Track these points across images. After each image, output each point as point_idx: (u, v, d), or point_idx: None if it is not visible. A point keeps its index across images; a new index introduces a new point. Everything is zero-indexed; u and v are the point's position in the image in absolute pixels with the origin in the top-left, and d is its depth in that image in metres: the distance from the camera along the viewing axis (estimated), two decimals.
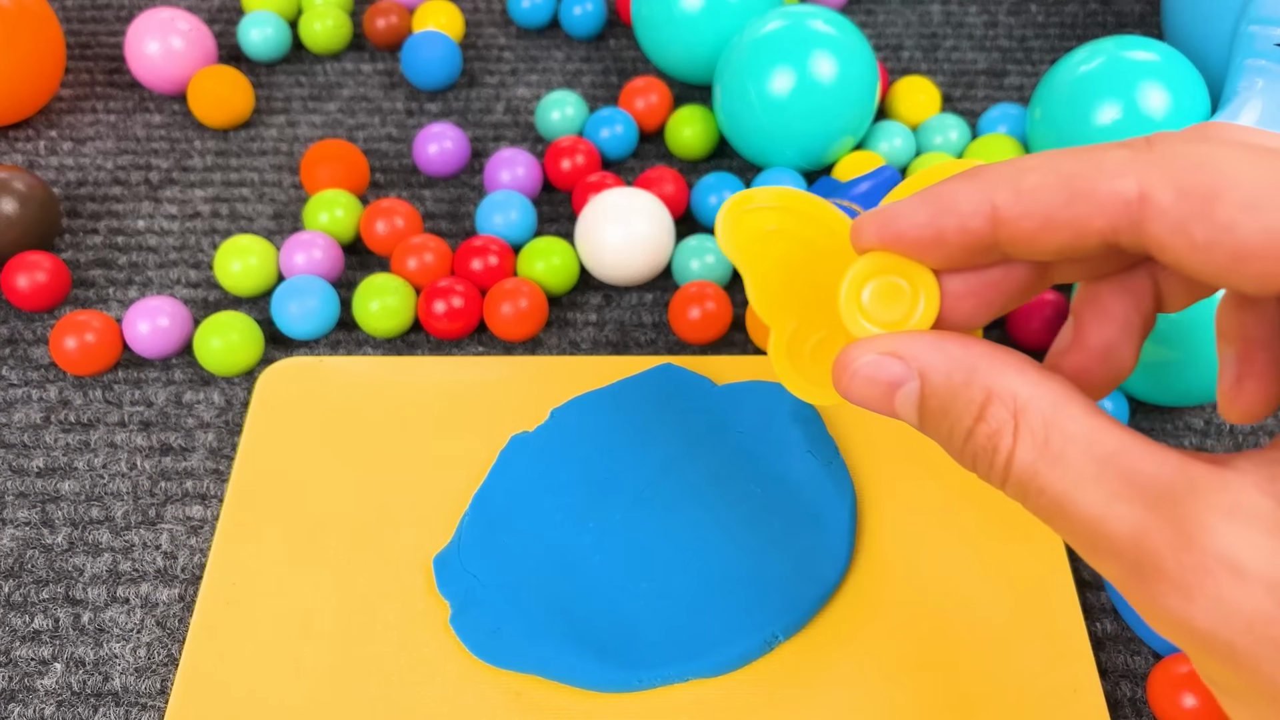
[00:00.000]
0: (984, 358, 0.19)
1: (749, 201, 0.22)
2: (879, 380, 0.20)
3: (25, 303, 0.36)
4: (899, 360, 0.20)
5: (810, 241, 0.22)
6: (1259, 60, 0.37)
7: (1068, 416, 0.18)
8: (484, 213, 0.38)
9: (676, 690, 0.28)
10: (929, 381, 0.20)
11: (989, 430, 0.19)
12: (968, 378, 0.19)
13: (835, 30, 0.38)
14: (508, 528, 0.30)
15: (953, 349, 0.20)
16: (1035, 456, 0.18)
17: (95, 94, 0.44)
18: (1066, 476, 0.18)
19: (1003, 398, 0.19)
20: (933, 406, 0.20)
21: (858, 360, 0.20)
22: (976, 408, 0.19)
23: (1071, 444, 0.18)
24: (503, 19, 0.48)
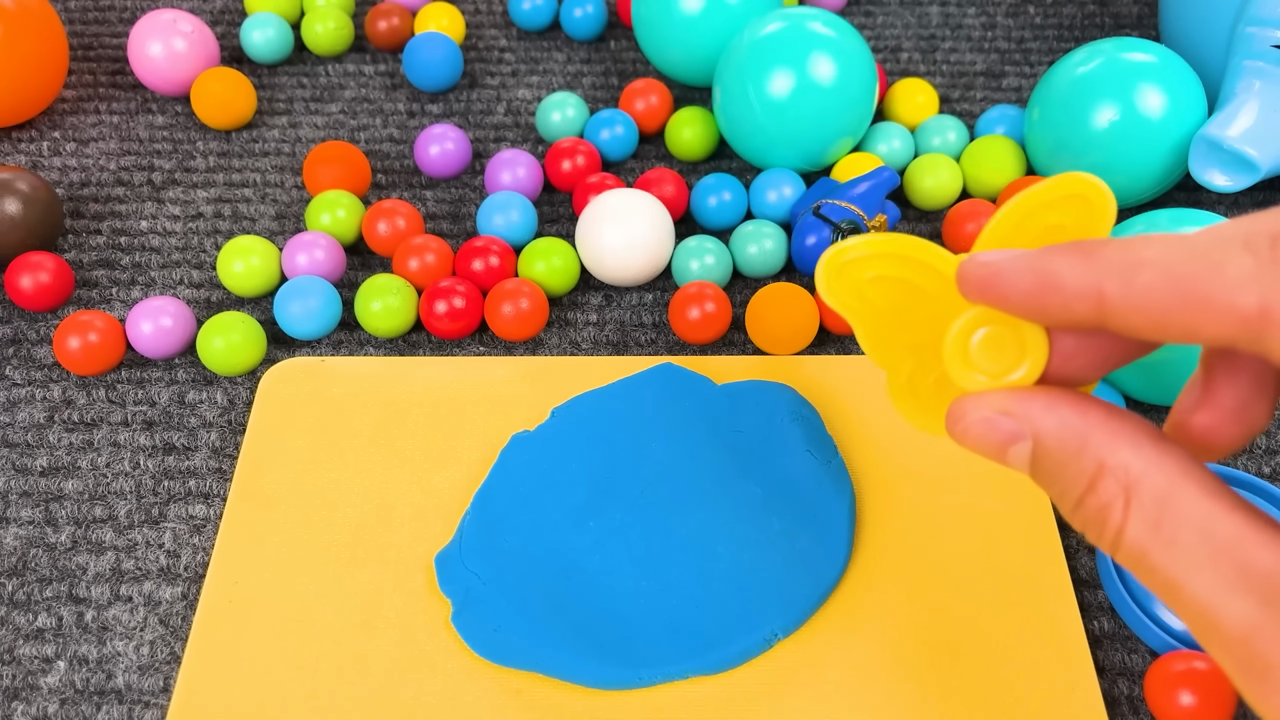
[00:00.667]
0: (1098, 427, 0.19)
1: (845, 254, 0.22)
2: (992, 438, 0.20)
3: (29, 303, 0.36)
4: (1010, 420, 0.20)
5: (914, 283, 0.22)
6: (1256, 61, 0.37)
7: (1183, 497, 0.18)
8: (485, 213, 0.38)
9: (676, 688, 0.28)
10: (1041, 445, 0.19)
11: (1099, 503, 0.18)
12: (1080, 446, 0.19)
13: (834, 32, 0.38)
14: (509, 526, 0.30)
15: (1067, 413, 0.19)
16: (1146, 536, 0.18)
17: (98, 95, 0.45)
18: (1178, 561, 0.17)
19: (1115, 471, 0.18)
20: (1045, 468, 0.20)
21: (970, 416, 0.20)
22: (1087, 479, 0.19)
23: (1185, 527, 0.17)
24: (504, 21, 0.48)
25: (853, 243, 0.22)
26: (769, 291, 0.35)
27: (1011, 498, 0.31)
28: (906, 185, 0.40)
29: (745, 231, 0.38)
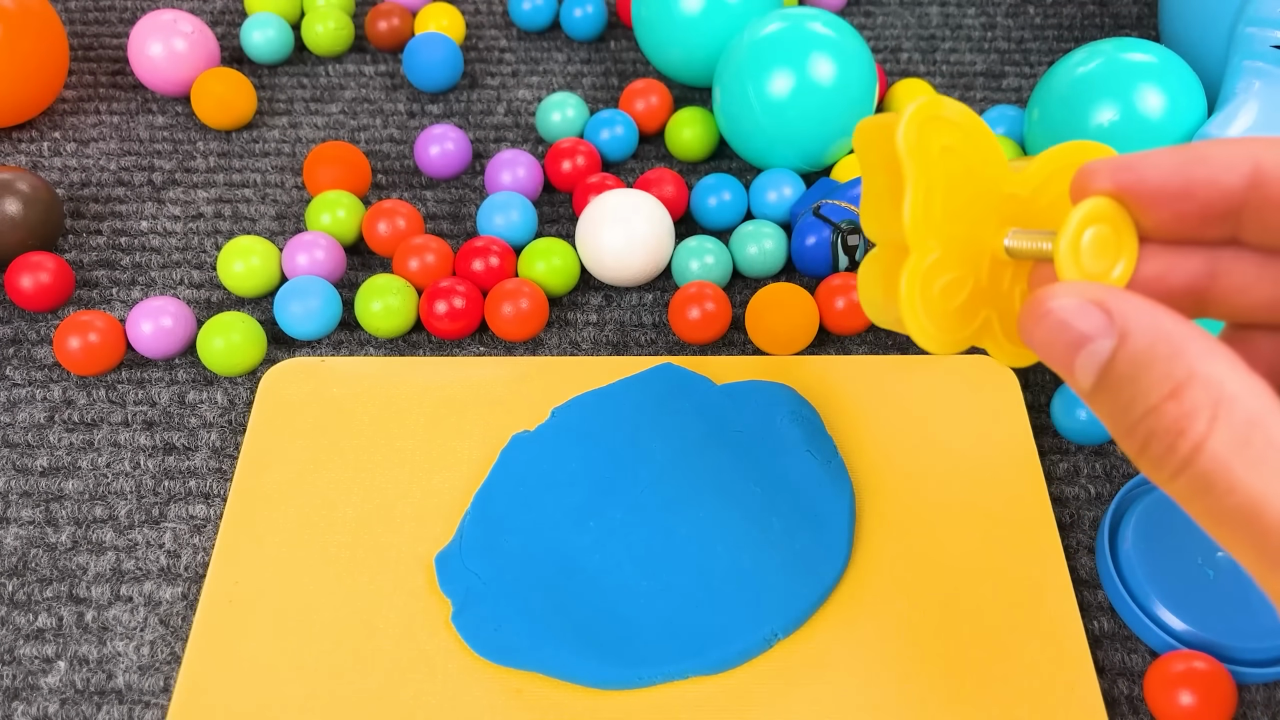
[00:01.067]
0: (1196, 338, 0.18)
1: (940, 109, 0.20)
2: (1072, 328, 0.19)
3: (29, 303, 0.36)
4: (1103, 313, 0.18)
5: (977, 175, 0.21)
6: (1256, 62, 0.37)
7: (1275, 422, 0.17)
8: (485, 214, 0.38)
9: (676, 688, 0.28)
10: (1129, 343, 0.18)
11: (1180, 410, 0.17)
12: (1173, 351, 0.18)
13: (834, 32, 0.38)
14: (509, 526, 0.30)
15: (1165, 318, 0.18)
16: (1231, 452, 0.17)
17: (98, 95, 0.45)
18: (1266, 481, 0.16)
19: (1207, 383, 0.17)
20: (1121, 371, 0.18)
21: (1058, 301, 0.19)
22: (1173, 383, 0.17)
23: (1274, 449, 0.17)
24: (504, 21, 0.48)
25: (949, 103, 0.21)
26: (769, 291, 0.35)
27: (1011, 498, 0.31)
28: None
29: (745, 232, 0.38)
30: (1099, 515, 0.32)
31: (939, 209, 0.21)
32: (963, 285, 0.21)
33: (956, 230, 0.21)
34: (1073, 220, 0.19)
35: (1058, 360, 0.19)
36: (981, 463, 0.32)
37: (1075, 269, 0.19)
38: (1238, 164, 0.18)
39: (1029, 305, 0.19)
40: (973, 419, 0.33)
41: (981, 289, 0.21)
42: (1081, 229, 0.19)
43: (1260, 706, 0.29)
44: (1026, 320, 0.19)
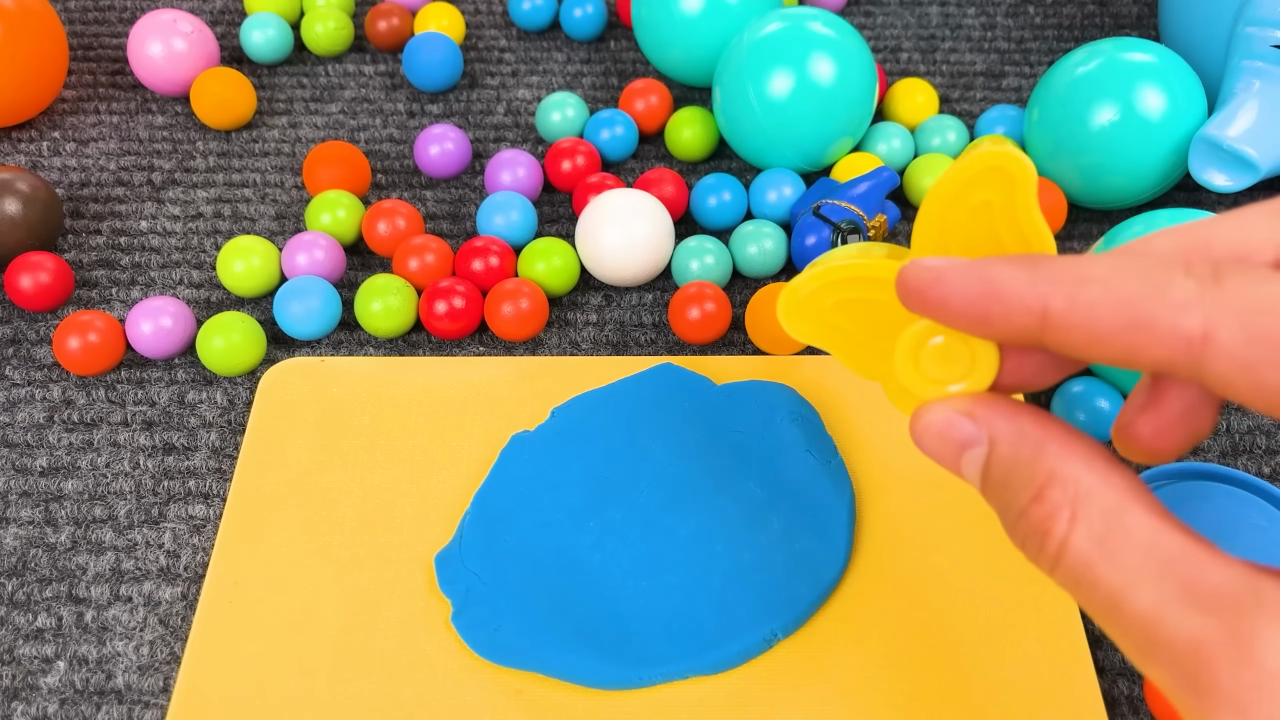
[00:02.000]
0: (1054, 439, 0.19)
1: (798, 291, 0.22)
2: (950, 438, 0.20)
3: (29, 303, 0.36)
4: (971, 422, 0.20)
5: (875, 298, 0.22)
6: (1256, 62, 0.37)
7: (1131, 514, 0.18)
8: (485, 214, 0.38)
9: (676, 688, 0.28)
10: (995, 449, 0.19)
11: (1043, 512, 0.18)
12: (1034, 454, 0.19)
13: (834, 32, 0.38)
14: (509, 526, 0.30)
15: (1025, 422, 0.19)
16: (1091, 548, 0.18)
17: (98, 95, 0.45)
18: (1123, 574, 0.17)
19: (1064, 482, 0.18)
20: (994, 476, 0.20)
21: (931, 415, 0.20)
22: (1035, 487, 0.19)
23: (1131, 541, 0.17)
24: (504, 21, 0.48)
25: (803, 278, 0.22)
26: (769, 291, 0.35)
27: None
28: (906, 185, 0.40)
29: (745, 231, 0.38)
30: None
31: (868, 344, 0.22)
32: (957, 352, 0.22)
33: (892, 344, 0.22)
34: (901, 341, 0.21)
35: (947, 465, 0.21)
36: None
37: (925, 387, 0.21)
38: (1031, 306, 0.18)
39: (913, 420, 0.21)
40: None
41: None
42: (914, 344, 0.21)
43: None
44: (914, 433, 0.21)
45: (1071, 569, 0.18)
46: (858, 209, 0.36)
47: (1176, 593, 0.17)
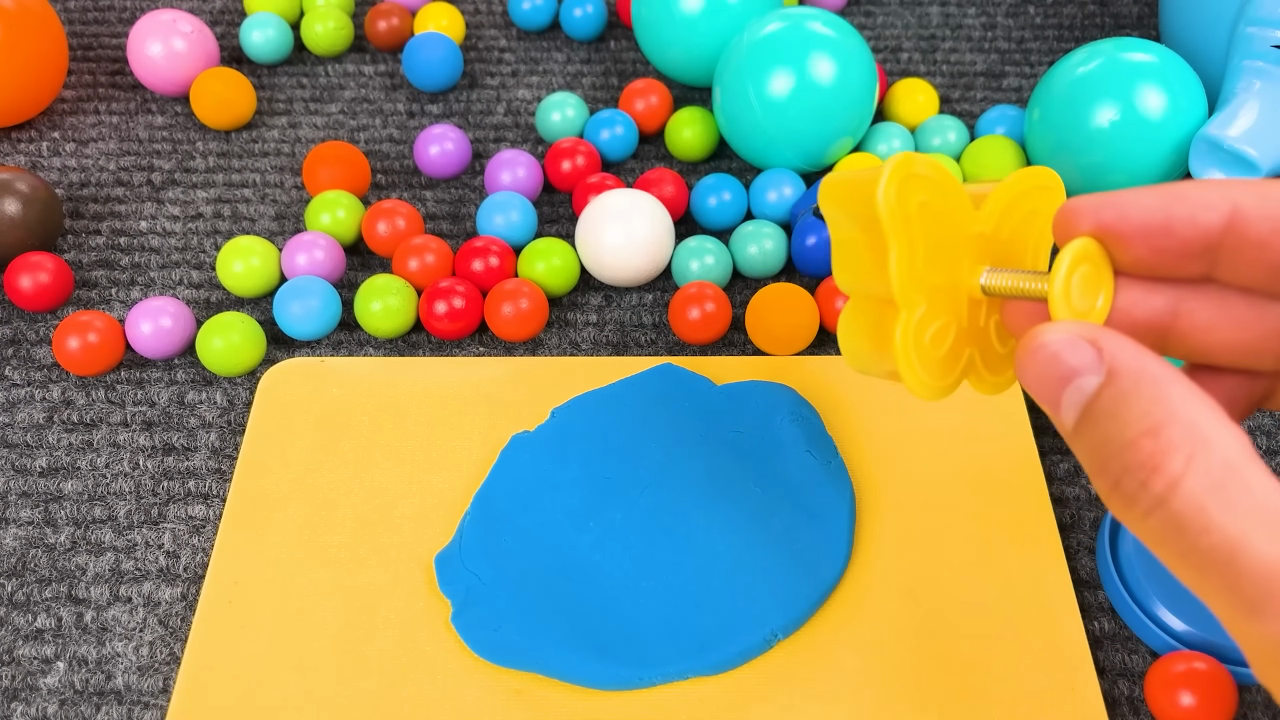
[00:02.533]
0: (1180, 382, 0.18)
1: (915, 166, 0.21)
2: (1064, 363, 0.19)
3: (28, 303, 0.36)
4: (1094, 350, 0.19)
5: (949, 223, 0.21)
6: (1256, 62, 0.37)
7: (1249, 467, 0.17)
8: (485, 214, 0.38)
9: (676, 688, 0.28)
10: (1115, 380, 0.18)
11: (1156, 447, 0.17)
12: (1156, 392, 0.18)
13: (834, 32, 0.38)
14: (509, 527, 0.30)
15: (1151, 360, 0.18)
16: (1206, 491, 0.17)
17: (98, 95, 0.45)
18: (1240, 521, 0.17)
19: (1187, 424, 0.18)
20: (1104, 407, 0.19)
21: (1051, 335, 0.19)
22: (1151, 421, 0.18)
23: (1250, 494, 0.17)
24: (503, 21, 0.48)
25: (921, 159, 0.21)
26: (769, 292, 0.35)
27: (1012, 498, 0.31)
28: None
29: (745, 231, 0.38)
30: (1099, 515, 0.32)
31: (920, 263, 0.21)
32: (948, 331, 0.22)
33: (937, 280, 0.21)
34: (1064, 262, 0.20)
35: (1047, 393, 0.20)
36: (982, 463, 0.32)
37: (1067, 308, 0.20)
38: (1217, 204, 0.19)
39: (1024, 341, 0.20)
40: (973, 419, 0.33)
41: (963, 330, 0.22)
42: (1073, 270, 0.20)
43: (1261, 707, 0.29)
44: (1021, 355, 0.20)
45: (1179, 511, 0.17)
46: None
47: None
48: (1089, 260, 0.20)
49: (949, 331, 0.22)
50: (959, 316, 0.22)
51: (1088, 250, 0.20)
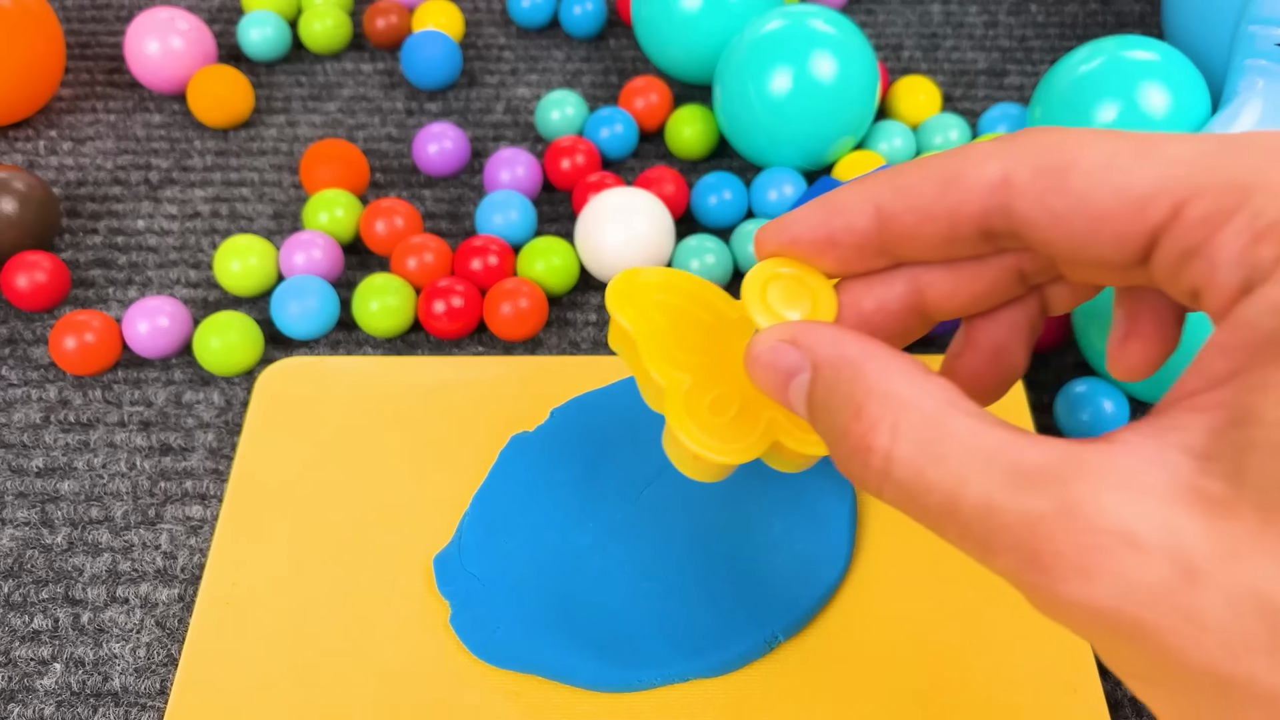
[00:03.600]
0: (875, 358, 0.19)
1: (637, 276, 0.24)
2: (778, 367, 0.20)
3: (25, 302, 0.36)
4: (795, 349, 0.20)
5: (697, 315, 0.24)
6: (1259, 60, 0.37)
7: (952, 417, 0.18)
8: (484, 212, 0.38)
9: (676, 690, 0.28)
10: (820, 372, 0.20)
11: (862, 428, 0.18)
12: (854, 374, 0.19)
13: (835, 30, 0.38)
14: (508, 528, 0.30)
15: (848, 344, 0.19)
16: (917, 454, 0.18)
17: (95, 94, 0.44)
18: (952, 472, 0.17)
19: (883, 397, 0.18)
20: (819, 399, 0.20)
21: (757, 345, 0.21)
22: (854, 403, 0.19)
23: (956, 441, 0.18)
24: (503, 19, 0.48)
25: (646, 269, 0.24)
26: None
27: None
28: None
29: (746, 230, 0.37)
30: None
31: (674, 346, 0.23)
32: (730, 398, 0.23)
33: (700, 358, 0.23)
34: (750, 280, 0.22)
35: (779, 399, 0.21)
36: None
37: (767, 317, 0.21)
38: (862, 208, 0.20)
39: (746, 355, 0.21)
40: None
41: (754, 396, 0.23)
42: (760, 285, 0.22)
43: None
44: (749, 367, 0.21)
45: (901, 480, 0.18)
46: None
47: (1005, 479, 0.17)
48: (778, 278, 0.22)
49: (731, 399, 0.23)
50: (743, 385, 0.23)
51: (780, 265, 0.22)
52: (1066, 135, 0.18)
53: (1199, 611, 0.16)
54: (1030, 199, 0.18)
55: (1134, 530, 0.16)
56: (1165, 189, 0.17)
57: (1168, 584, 0.16)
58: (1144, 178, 0.17)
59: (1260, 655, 0.15)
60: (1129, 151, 0.18)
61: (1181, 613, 0.16)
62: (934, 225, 0.20)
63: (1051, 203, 0.18)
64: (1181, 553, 0.16)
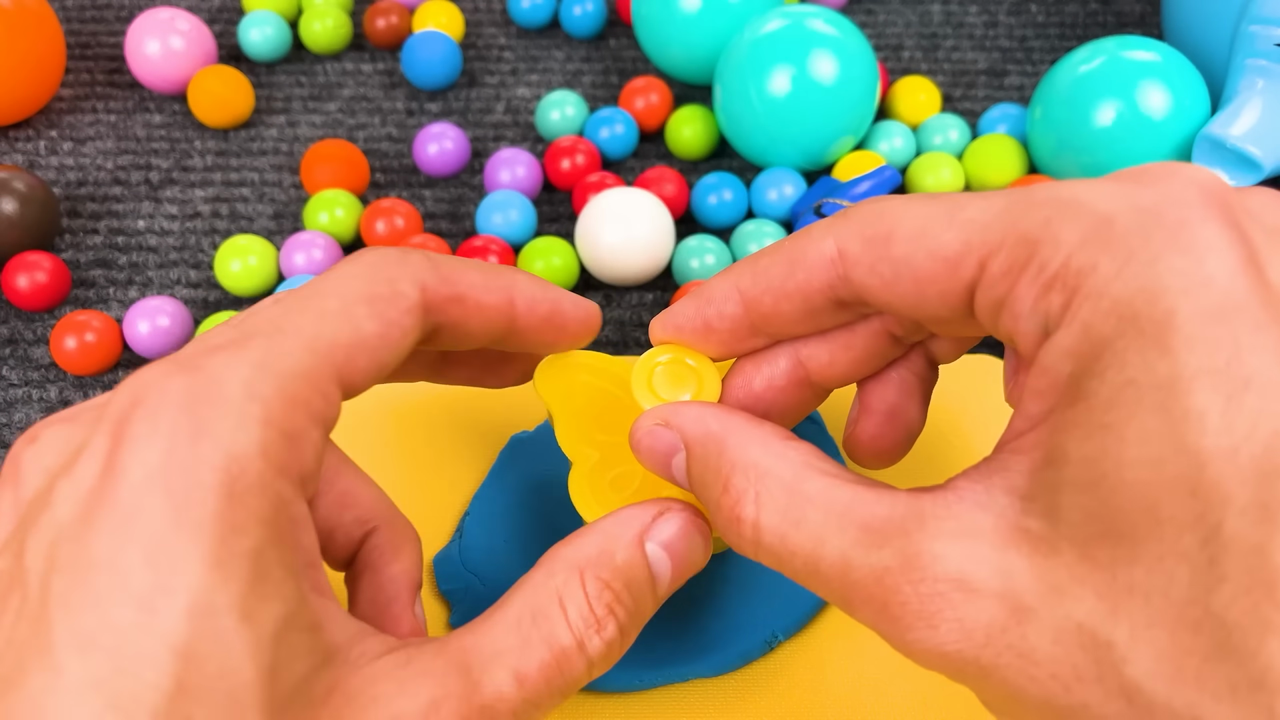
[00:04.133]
0: (736, 431, 0.20)
1: (569, 358, 0.26)
2: (657, 449, 0.22)
3: (25, 303, 0.36)
4: (668, 430, 0.21)
5: (616, 396, 0.26)
6: (1259, 60, 0.37)
7: (808, 480, 0.19)
8: (484, 213, 0.38)
9: (676, 690, 0.28)
10: (691, 450, 0.21)
11: (731, 500, 0.20)
12: (719, 449, 0.20)
13: (835, 30, 0.38)
14: (508, 528, 0.30)
15: (711, 421, 0.21)
16: (779, 520, 0.19)
17: (95, 94, 0.44)
18: (812, 535, 0.18)
19: (745, 468, 0.20)
20: (694, 476, 0.21)
21: (640, 429, 0.22)
22: (721, 477, 0.20)
23: (810, 504, 0.19)
24: (503, 19, 0.48)
25: (577, 352, 0.26)
26: None
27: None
28: (908, 184, 0.40)
29: (746, 231, 0.37)
30: None
31: (590, 425, 0.25)
32: (632, 476, 0.25)
33: (611, 437, 0.25)
34: (638, 367, 0.23)
35: (666, 477, 0.22)
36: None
37: (651, 400, 0.23)
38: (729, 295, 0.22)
39: (630, 438, 0.22)
40: (974, 419, 0.33)
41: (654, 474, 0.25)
42: (648, 371, 0.23)
43: None
44: (632, 450, 0.22)
45: (770, 546, 0.19)
46: None
47: (856, 536, 0.18)
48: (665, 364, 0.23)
49: (633, 476, 0.25)
50: None
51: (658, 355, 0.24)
52: (887, 205, 0.20)
53: (1030, 648, 0.16)
54: (863, 268, 0.20)
55: (967, 575, 0.17)
56: (970, 249, 0.18)
57: (1000, 624, 0.17)
58: (951, 240, 0.19)
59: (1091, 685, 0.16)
60: (939, 216, 0.19)
61: (1014, 650, 0.16)
62: (790, 303, 0.21)
63: (881, 270, 0.20)
64: (1011, 592, 0.17)
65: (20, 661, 0.16)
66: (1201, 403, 0.15)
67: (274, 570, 0.17)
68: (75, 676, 0.15)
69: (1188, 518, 0.15)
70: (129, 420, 0.17)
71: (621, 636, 0.21)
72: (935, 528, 0.17)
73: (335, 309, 0.19)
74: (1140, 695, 0.15)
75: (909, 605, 0.17)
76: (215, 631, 0.16)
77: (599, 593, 0.21)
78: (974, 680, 0.17)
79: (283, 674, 0.17)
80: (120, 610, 0.16)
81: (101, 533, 0.16)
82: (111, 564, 0.16)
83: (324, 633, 0.18)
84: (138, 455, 0.17)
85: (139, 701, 0.15)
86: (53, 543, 0.16)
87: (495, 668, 0.19)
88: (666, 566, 0.22)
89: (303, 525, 0.18)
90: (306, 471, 0.18)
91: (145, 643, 0.15)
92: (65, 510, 0.17)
